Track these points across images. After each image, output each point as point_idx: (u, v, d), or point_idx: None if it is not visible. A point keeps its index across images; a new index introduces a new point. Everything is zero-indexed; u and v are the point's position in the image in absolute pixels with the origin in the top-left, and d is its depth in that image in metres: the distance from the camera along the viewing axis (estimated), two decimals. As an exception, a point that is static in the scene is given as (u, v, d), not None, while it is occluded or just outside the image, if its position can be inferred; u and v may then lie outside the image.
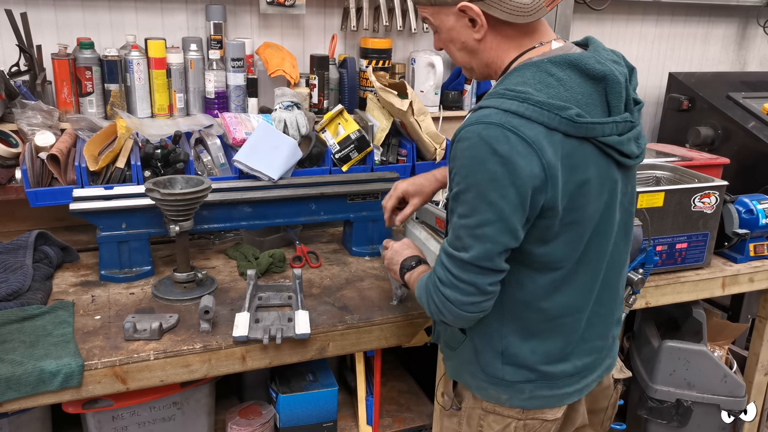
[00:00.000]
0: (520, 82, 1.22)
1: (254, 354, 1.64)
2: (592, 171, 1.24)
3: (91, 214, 1.86)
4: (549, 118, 1.17)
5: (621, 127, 1.25)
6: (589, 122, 1.20)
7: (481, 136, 1.17)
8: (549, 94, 1.19)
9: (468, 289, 1.25)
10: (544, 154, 1.16)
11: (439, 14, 1.33)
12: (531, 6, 1.24)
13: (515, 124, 1.16)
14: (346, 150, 2.27)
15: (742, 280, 2.21)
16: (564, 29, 2.70)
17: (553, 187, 1.18)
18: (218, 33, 2.38)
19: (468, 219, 1.21)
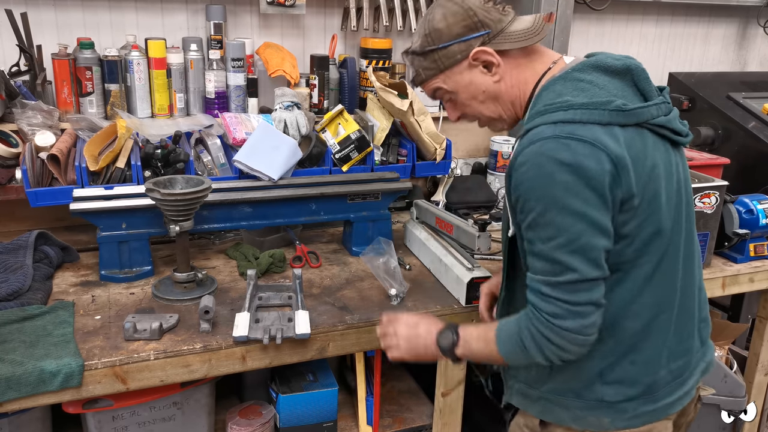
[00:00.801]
0: (554, 96, 1.22)
1: (254, 354, 1.64)
2: (656, 156, 1.23)
3: (91, 214, 1.86)
4: (599, 115, 1.17)
5: (663, 108, 1.26)
6: (638, 108, 1.20)
7: (540, 152, 1.15)
8: (587, 96, 1.20)
9: (587, 309, 1.18)
10: (608, 147, 1.14)
11: (452, 76, 1.34)
12: (533, 27, 1.29)
13: (569, 131, 1.15)
14: (346, 150, 2.27)
15: (742, 280, 2.21)
16: (564, 29, 2.70)
17: (626, 178, 1.16)
18: (218, 33, 2.39)
19: (558, 239, 1.16)
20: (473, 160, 2.89)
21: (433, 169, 2.48)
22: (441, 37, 1.31)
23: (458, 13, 1.29)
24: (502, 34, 1.30)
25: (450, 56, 1.32)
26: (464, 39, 1.30)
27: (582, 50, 3.14)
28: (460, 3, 1.30)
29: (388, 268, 1.89)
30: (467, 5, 1.29)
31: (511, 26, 1.31)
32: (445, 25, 1.30)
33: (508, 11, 1.32)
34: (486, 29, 1.29)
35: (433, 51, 1.32)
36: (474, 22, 1.29)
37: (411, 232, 2.23)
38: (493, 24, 1.29)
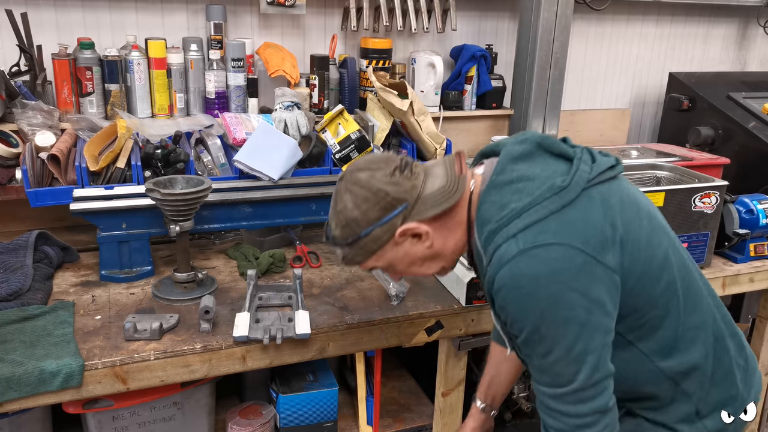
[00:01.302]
0: (498, 209, 1.19)
1: (254, 354, 1.64)
2: (616, 208, 1.19)
3: (91, 214, 1.86)
4: (549, 204, 1.15)
5: (586, 156, 1.24)
6: (574, 176, 1.18)
7: (514, 274, 1.13)
8: (527, 193, 1.17)
9: (593, 419, 1.15)
10: (573, 240, 1.12)
11: (383, 255, 1.28)
12: (449, 185, 1.23)
13: (531, 241, 1.12)
14: (346, 150, 2.27)
15: (742, 280, 2.21)
16: (564, 29, 2.70)
17: (607, 257, 1.14)
18: (218, 33, 2.38)
19: (554, 352, 1.14)
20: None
21: (433, 169, 2.48)
22: (360, 225, 1.23)
23: (369, 198, 1.22)
24: (421, 200, 1.23)
25: (375, 239, 1.24)
26: (384, 221, 1.22)
27: (582, 50, 3.15)
28: (367, 187, 1.22)
29: (388, 268, 1.89)
30: (375, 187, 1.21)
31: (426, 187, 1.24)
32: (360, 212, 1.22)
33: (417, 173, 1.25)
34: (403, 203, 1.22)
35: (357, 240, 1.25)
36: (388, 202, 1.22)
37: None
38: (408, 195, 1.22)
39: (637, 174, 2.25)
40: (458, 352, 1.90)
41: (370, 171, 1.23)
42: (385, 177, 1.22)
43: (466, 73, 2.74)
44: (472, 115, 2.83)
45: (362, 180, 1.22)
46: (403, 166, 1.24)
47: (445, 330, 1.82)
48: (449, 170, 1.26)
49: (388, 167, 1.23)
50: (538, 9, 2.65)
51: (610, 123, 3.22)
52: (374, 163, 1.25)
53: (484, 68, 2.76)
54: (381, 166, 1.24)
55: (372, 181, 1.22)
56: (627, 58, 3.29)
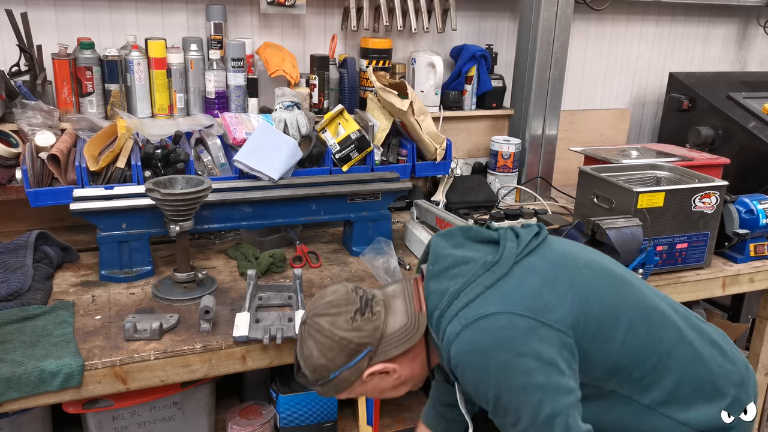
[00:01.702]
0: (438, 297, 1.24)
1: (254, 354, 1.64)
2: (547, 272, 1.24)
3: (91, 214, 1.86)
4: (484, 280, 1.20)
5: (509, 234, 1.31)
6: (502, 253, 1.24)
7: (464, 350, 1.17)
8: (462, 275, 1.23)
9: None
10: (513, 308, 1.16)
11: (355, 389, 1.33)
12: (410, 324, 1.27)
13: (472, 315, 1.17)
14: (346, 150, 2.27)
15: (742, 280, 2.21)
16: (564, 29, 2.70)
17: (551, 320, 1.17)
18: (218, 33, 2.38)
19: (522, 421, 1.15)
20: (473, 160, 2.89)
21: (433, 169, 2.48)
22: (328, 369, 1.28)
23: (333, 347, 1.26)
24: (384, 340, 1.27)
25: (344, 380, 1.29)
26: (350, 365, 1.27)
27: (582, 50, 3.14)
28: (330, 335, 1.26)
29: (388, 268, 1.89)
30: (338, 336, 1.26)
31: (388, 326, 1.28)
32: (326, 360, 1.27)
33: (377, 312, 1.29)
34: (367, 348, 1.26)
35: (327, 382, 1.30)
36: (352, 349, 1.26)
37: (411, 232, 2.23)
38: (371, 338, 1.26)
39: (637, 174, 2.25)
40: (458, 352, 1.90)
41: (331, 317, 1.27)
42: (346, 323, 1.26)
43: (466, 73, 2.74)
44: (472, 115, 2.83)
45: (324, 328, 1.27)
46: (364, 306, 1.28)
47: (445, 330, 1.82)
48: (409, 305, 1.30)
49: (349, 311, 1.27)
50: (538, 9, 2.65)
51: (610, 123, 3.22)
52: (335, 307, 1.29)
53: (484, 68, 2.76)
54: (341, 311, 1.28)
55: (334, 329, 1.26)
56: (627, 58, 3.29)
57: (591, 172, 2.16)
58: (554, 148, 2.88)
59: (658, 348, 1.27)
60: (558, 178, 2.97)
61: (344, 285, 1.35)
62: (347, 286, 1.34)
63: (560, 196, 2.87)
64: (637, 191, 1.96)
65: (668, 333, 1.30)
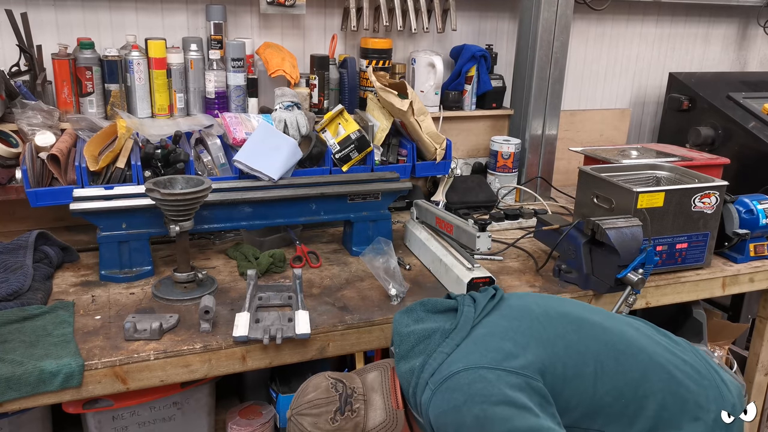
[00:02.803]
0: (408, 378, 1.30)
1: (254, 354, 1.64)
2: (506, 328, 1.29)
3: (91, 214, 1.86)
4: (444, 348, 1.25)
5: (466, 301, 1.36)
6: (460, 319, 1.29)
7: (437, 414, 1.20)
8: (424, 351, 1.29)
9: None
10: (476, 362, 1.20)
11: None
12: (389, 420, 1.36)
13: (437, 379, 1.21)
14: (346, 150, 2.27)
15: (742, 280, 2.21)
16: (564, 29, 2.70)
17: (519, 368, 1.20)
18: (218, 33, 2.39)
19: None
20: (473, 160, 2.89)
21: (433, 169, 2.48)
22: None
23: None
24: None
25: None
26: None
27: (582, 50, 3.14)
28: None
29: (387, 268, 1.89)
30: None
31: (368, 422, 1.36)
32: None
33: (357, 409, 1.37)
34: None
35: None
36: None
37: (411, 232, 2.23)
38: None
39: (637, 174, 2.25)
40: (458, 352, 1.90)
41: (312, 417, 1.36)
42: (327, 423, 1.35)
43: (466, 73, 2.74)
44: (472, 115, 2.83)
45: (307, 429, 1.35)
46: (343, 404, 1.36)
47: (445, 330, 1.82)
48: (387, 401, 1.38)
49: (329, 411, 1.35)
50: (538, 9, 2.65)
51: (610, 123, 3.22)
52: (316, 407, 1.36)
53: (484, 68, 2.76)
54: (322, 411, 1.36)
55: (316, 429, 1.35)
56: (627, 58, 3.29)
57: (591, 172, 2.16)
58: (554, 148, 2.88)
59: (632, 375, 1.29)
60: (558, 178, 2.97)
61: (325, 378, 1.41)
62: (328, 379, 1.40)
63: (560, 196, 2.87)
64: (637, 191, 1.96)
65: (638, 358, 1.31)
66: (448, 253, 1.97)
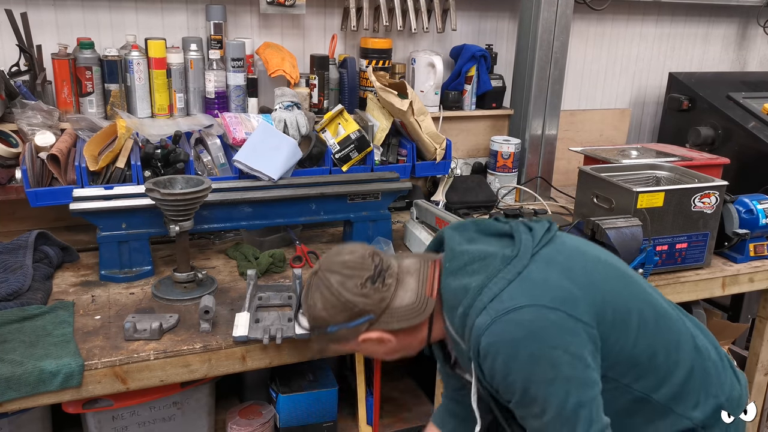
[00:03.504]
0: (461, 294, 1.23)
1: (254, 354, 1.64)
2: (563, 264, 1.25)
3: (91, 214, 1.86)
4: (506, 275, 1.20)
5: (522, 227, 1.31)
6: (519, 246, 1.25)
7: (493, 342, 1.17)
8: (481, 270, 1.23)
9: None
10: (541, 300, 1.17)
11: (348, 345, 1.34)
12: (417, 305, 1.28)
13: (499, 308, 1.17)
14: (346, 150, 2.27)
15: (742, 280, 2.21)
16: (564, 29, 2.70)
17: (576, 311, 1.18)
18: (218, 33, 2.38)
19: (548, 413, 1.16)
20: (473, 160, 2.89)
21: (433, 169, 2.48)
22: (327, 323, 1.29)
23: (337, 306, 1.27)
24: (388, 311, 1.27)
25: (340, 337, 1.31)
26: (349, 326, 1.28)
27: (582, 50, 3.14)
28: (336, 294, 1.26)
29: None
30: (344, 298, 1.26)
31: (395, 300, 1.28)
32: (328, 314, 1.28)
33: (389, 284, 1.28)
34: (369, 315, 1.27)
35: (324, 333, 1.32)
36: (355, 312, 1.27)
37: (411, 232, 2.23)
38: (375, 308, 1.27)
39: (637, 174, 2.25)
40: (458, 352, 1.90)
41: (342, 277, 1.27)
42: (355, 287, 1.26)
43: (466, 73, 2.74)
44: (471, 115, 2.83)
45: (333, 286, 1.27)
46: (376, 275, 1.28)
47: (444, 330, 1.82)
48: (421, 286, 1.30)
49: (361, 276, 1.27)
50: (538, 9, 2.65)
51: (610, 123, 3.22)
52: (348, 269, 1.28)
53: (483, 68, 2.76)
54: (354, 274, 1.27)
55: (342, 289, 1.26)
56: (627, 58, 3.29)
57: (591, 172, 2.16)
58: (554, 148, 2.88)
59: (668, 338, 1.29)
60: (558, 178, 2.97)
61: (363, 247, 1.34)
62: (366, 248, 1.33)
63: (560, 196, 2.87)
64: (636, 191, 1.96)
65: (674, 326, 1.33)
66: (448, 253, 1.97)
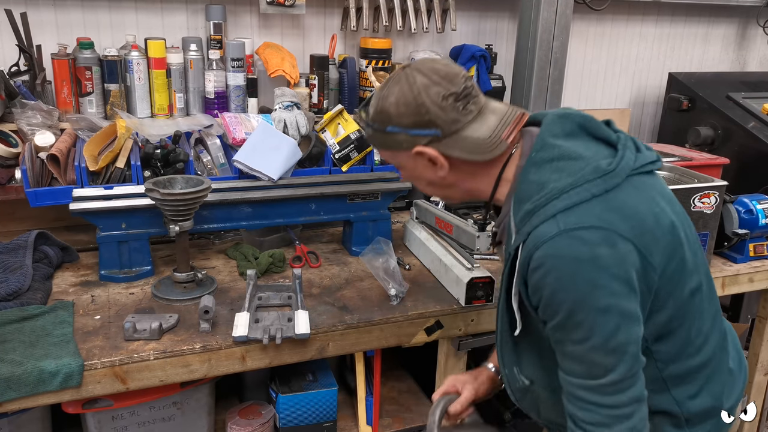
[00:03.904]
0: (537, 188, 1.14)
1: (254, 354, 1.64)
2: (652, 199, 1.16)
3: (91, 214, 1.86)
4: (592, 188, 1.11)
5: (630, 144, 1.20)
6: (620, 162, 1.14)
7: (553, 254, 1.09)
8: (568, 173, 1.13)
9: (631, 409, 1.11)
10: (616, 226, 1.08)
11: (395, 156, 1.28)
12: (490, 141, 1.19)
13: (573, 221, 1.08)
14: (345, 150, 2.27)
15: (741, 280, 2.21)
16: (564, 29, 2.70)
17: (647, 248, 1.11)
18: (218, 33, 2.38)
19: (592, 340, 1.09)
20: (473, 160, 2.89)
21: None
22: (389, 120, 1.21)
23: (410, 105, 1.18)
24: (455, 136, 1.19)
25: (395, 141, 1.23)
26: (410, 133, 1.20)
27: (582, 50, 3.14)
28: (416, 94, 1.18)
29: (387, 268, 1.89)
30: (421, 100, 1.18)
31: (468, 129, 1.19)
32: (395, 111, 1.20)
33: (470, 110, 1.20)
34: (435, 129, 1.19)
35: (380, 130, 1.24)
36: (424, 121, 1.19)
37: (411, 232, 2.23)
38: (445, 125, 1.18)
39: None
40: (458, 352, 1.90)
41: (430, 81, 1.18)
42: (436, 96, 1.18)
43: (466, 73, 2.74)
44: (471, 115, 2.83)
45: (417, 85, 1.18)
46: (462, 96, 1.19)
47: (444, 330, 1.82)
48: (500, 128, 1.20)
49: (448, 88, 1.18)
50: (537, 9, 2.65)
51: (609, 123, 3.21)
52: (438, 76, 1.19)
53: (483, 68, 2.76)
54: (442, 83, 1.18)
55: (422, 92, 1.18)
56: (627, 58, 3.29)
57: (591, 172, 2.15)
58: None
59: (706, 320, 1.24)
60: (558, 178, 2.97)
61: (461, 68, 1.25)
62: (463, 69, 1.24)
63: (560, 196, 2.87)
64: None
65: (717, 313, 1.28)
66: (447, 253, 1.97)
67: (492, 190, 1.26)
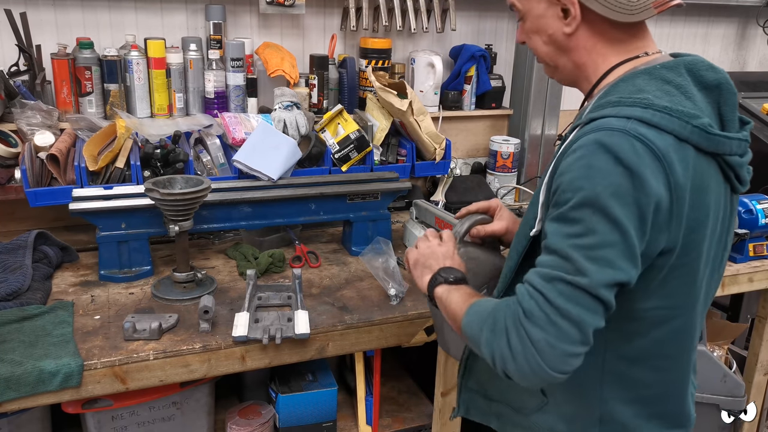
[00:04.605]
0: (634, 91, 1.05)
1: (254, 354, 1.64)
2: (712, 197, 1.08)
3: (90, 214, 1.86)
4: (679, 126, 1.01)
5: (743, 146, 1.12)
6: (722, 135, 1.05)
7: (601, 142, 0.99)
8: (672, 101, 1.03)
9: (570, 331, 0.97)
10: (673, 171, 0.99)
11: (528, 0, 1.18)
12: (635, 3, 1.08)
13: (642, 132, 0.99)
14: (345, 150, 2.27)
15: (741, 280, 2.21)
16: (564, 29, 2.70)
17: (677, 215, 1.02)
18: (218, 33, 2.38)
19: (583, 239, 0.98)
20: (473, 160, 2.89)
21: (433, 169, 2.48)
22: None
23: None
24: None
25: None
26: None
27: (581, 50, 3.13)
28: None
29: (387, 268, 1.89)
30: None
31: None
32: None
33: None
34: None
35: None
36: None
37: (410, 232, 2.23)
38: None
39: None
40: (457, 352, 1.90)
41: None
42: None
43: (466, 73, 2.74)
44: (471, 114, 2.83)
45: None
46: None
47: (444, 330, 1.82)
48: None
49: None
50: (537, 9, 2.65)
51: (609, 123, 3.21)
52: None
53: (483, 68, 2.76)
54: None
55: None
56: (626, 58, 3.29)
57: (590, 171, 2.15)
58: (554, 148, 2.89)
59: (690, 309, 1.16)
60: (557, 178, 2.97)
61: None
62: None
63: (560, 196, 2.87)
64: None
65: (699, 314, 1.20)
66: (447, 253, 1.97)
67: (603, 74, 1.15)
